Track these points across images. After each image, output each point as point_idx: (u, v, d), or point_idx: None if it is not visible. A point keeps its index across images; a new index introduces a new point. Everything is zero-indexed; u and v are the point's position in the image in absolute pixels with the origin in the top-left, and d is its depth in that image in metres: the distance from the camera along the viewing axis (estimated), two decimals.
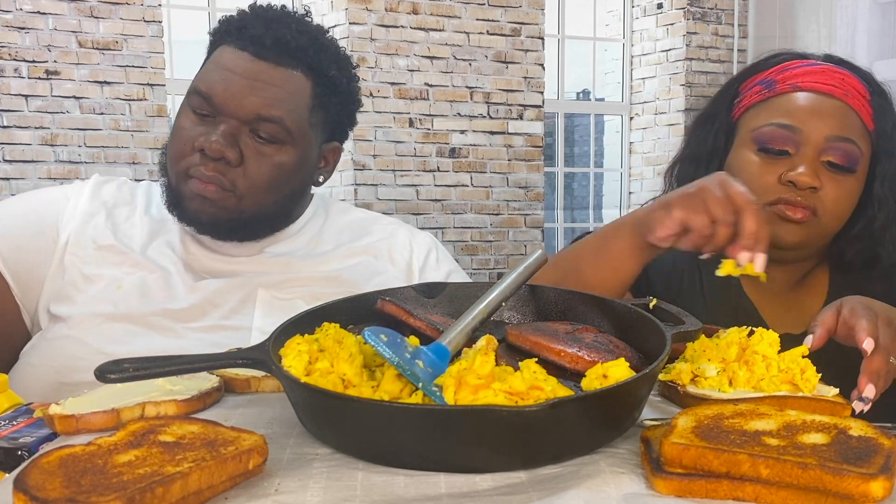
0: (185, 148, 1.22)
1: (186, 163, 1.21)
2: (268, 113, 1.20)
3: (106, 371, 0.70)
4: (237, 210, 1.23)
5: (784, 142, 1.19)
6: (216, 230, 1.26)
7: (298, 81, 1.23)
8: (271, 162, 1.22)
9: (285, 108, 1.21)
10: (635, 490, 0.61)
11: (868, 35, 5.13)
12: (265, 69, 1.21)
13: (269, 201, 1.25)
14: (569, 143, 7.01)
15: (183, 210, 1.24)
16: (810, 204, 1.17)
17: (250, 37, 1.22)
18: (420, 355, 0.72)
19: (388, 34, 5.06)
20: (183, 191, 1.23)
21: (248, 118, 1.20)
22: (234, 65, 1.21)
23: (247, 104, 1.19)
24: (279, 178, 1.24)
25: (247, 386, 0.89)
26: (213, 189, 1.20)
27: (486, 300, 0.83)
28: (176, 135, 1.24)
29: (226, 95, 1.20)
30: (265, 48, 1.21)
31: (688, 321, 0.81)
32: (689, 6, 5.86)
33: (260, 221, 1.27)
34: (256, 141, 1.21)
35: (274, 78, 1.21)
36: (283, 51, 1.22)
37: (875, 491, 0.57)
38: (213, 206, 1.22)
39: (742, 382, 0.81)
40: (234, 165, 1.20)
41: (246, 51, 1.22)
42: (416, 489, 0.62)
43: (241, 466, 0.61)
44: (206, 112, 1.21)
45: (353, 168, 5.00)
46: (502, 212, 5.42)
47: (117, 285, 1.23)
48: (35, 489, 0.56)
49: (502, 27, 5.36)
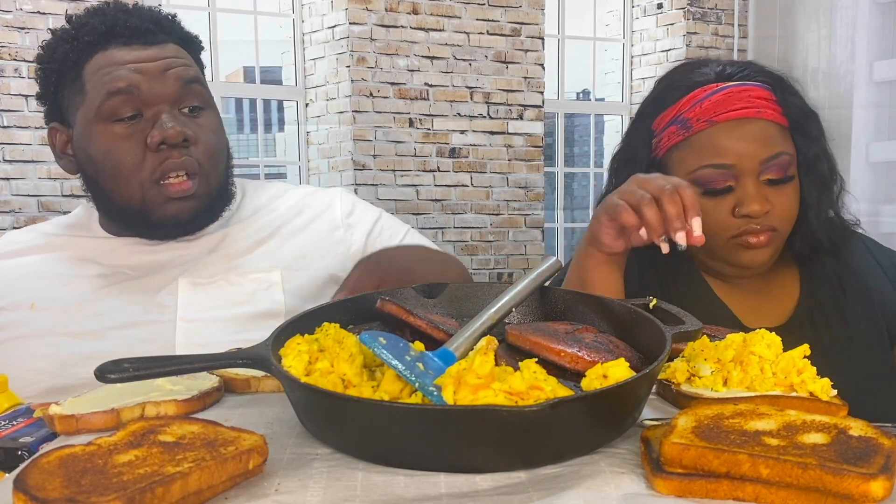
0: (133, 157, 1.20)
1: (147, 169, 1.20)
2: (189, 76, 1.23)
3: (106, 371, 0.70)
4: (209, 192, 1.25)
5: (724, 179, 1.23)
6: (193, 227, 1.27)
7: (183, 52, 1.27)
8: (210, 129, 1.25)
9: (195, 71, 1.26)
10: (635, 490, 0.61)
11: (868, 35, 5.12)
12: (160, 50, 1.23)
13: (222, 169, 1.28)
14: (569, 143, 7.01)
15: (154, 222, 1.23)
16: (768, 225, 1.23)
17: (128, 30, 1.22)
18: (424, 359, 0.72)
19: (388, 34, 5.05)
20: (154, 199, 1.21)
21: (176, 92, 1.22)
22: (134, 56, 1.21)
23: (170, 82, 1.21)
24: (220, 142, 1.28)
25: (247, 386, 0.89)
26: (189, 185, 1.21)
27: (496, 305, 0.82)
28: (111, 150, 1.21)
29: (149, 80, 1.20)
30: (149, 33, 1.23)
31: (688, 321, 0.81)
32: (689, 6, 5.86)
33: (220, 195, 1.29)
34: (188, 117, 1.23)
35: (171, 52, 1.24)
36: (160, 30, 1.25)
37: (875, 491, 0.57)
38: (193, 200, 1.23)
39: (735, 382, 0.81)
40: (193, 143, 1.22)
41: (133, 43, 1.22)
42: (416, 489, 0.62)
43: (241, 466, 0.61)
44: (131, 113, 1.20)
45: (353, 168, 4.99)
46: (502, 212, 5.42)
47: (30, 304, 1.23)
48: (35, 489, 0.56)
49: (502, 27, 5.36)
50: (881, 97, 5.07)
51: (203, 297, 1.24)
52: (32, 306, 1.22)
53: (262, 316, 1.23)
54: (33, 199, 4.34)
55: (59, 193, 4.40)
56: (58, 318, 1.22)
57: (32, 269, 1.27)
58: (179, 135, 1.19)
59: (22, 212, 4.34)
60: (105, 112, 1.20)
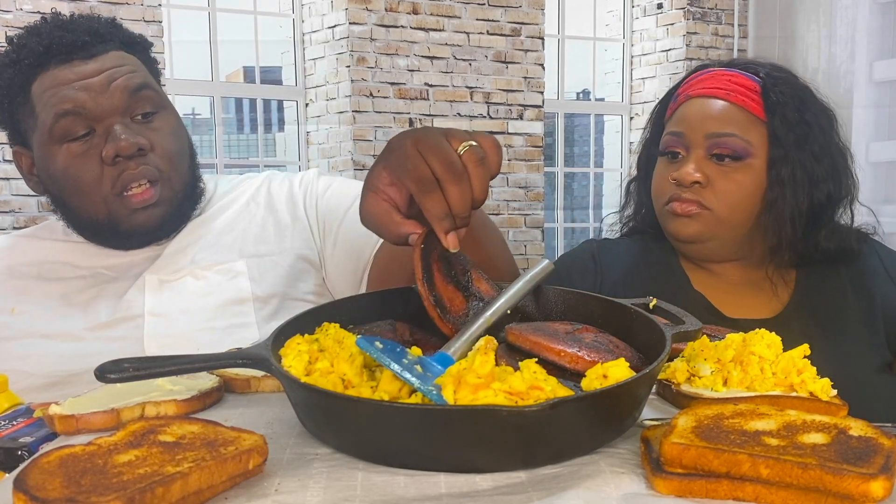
0: (91, 174, 1.20)
1: (106, 183, 1.20)
2: (135, 83, 1.21)
3: (106, 371, 0.70)
4: (173, 194, 1.25)
5: (675, 145, 1.32)
6: (162, 233, 1.27)
7: (127, 56, 1.25)
8: (166, 132, 1.24)
9: (142, 76, 1.24)
10: (635, 490, 0.61)
11: (868, 35, 5.13)
12: (102, 61, 1.21)
13: (185, 170, 1.28)
14: (569, 143, 7.02)
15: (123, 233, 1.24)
16: (697, 198, 1.28)
17: (66, 47, 1.20)
18: (422, 363, 0.72)
19: (388, 34, 5.05)
20: (119, 212, 1.22)
21: (124, 102, 1.21)
22: (76, 73, 1.20)
23: (115, 90, 1.20)
24: (178, 142, 1.27)
25: (247, 386, 0.89)
26: (151, 194, 1.21)
27: (490, 309, 0.83)
28: (70, 173, 1.21)
29: (94, 96, 1.19)
30: (87, 46, 1.21)
31: (688, 321, 0.81)
32: (689, 6, 5.86)
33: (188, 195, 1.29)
34: (142, 123, 1.22)
35: (114, 61, 1.22)
36: (98, 40, 1.22)
37: (875, 491, 0.57)
38: (158, 207, 1.23)
39: (735, 382, 0.81)
40: (149, 150, 1.21)
41: (73, 59, 1.20)
42: (416, 489, 0.62)
43: (241, 466, 0.61)
44: (84, 130, 1.20)
45: (353, 168, 4.99)
46: (502, 212, 5.42)
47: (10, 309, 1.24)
48: (35, 489, 0.56)
49: (502, 27, 5.36)
50: (881, 97, 5.08)
51: (169, 293, 1.24)
52: (13, 311, 1.25)
53: (229, 303, 1.23)
54: (33, 199, 4.34)
55: None
56: (35, 321, 1.23)
57: (15, 273, 1.29)
58: (132, 146, 1.19)
59: (22, 212, 4.34)
60: (57, 133, 1.20)
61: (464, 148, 0.80)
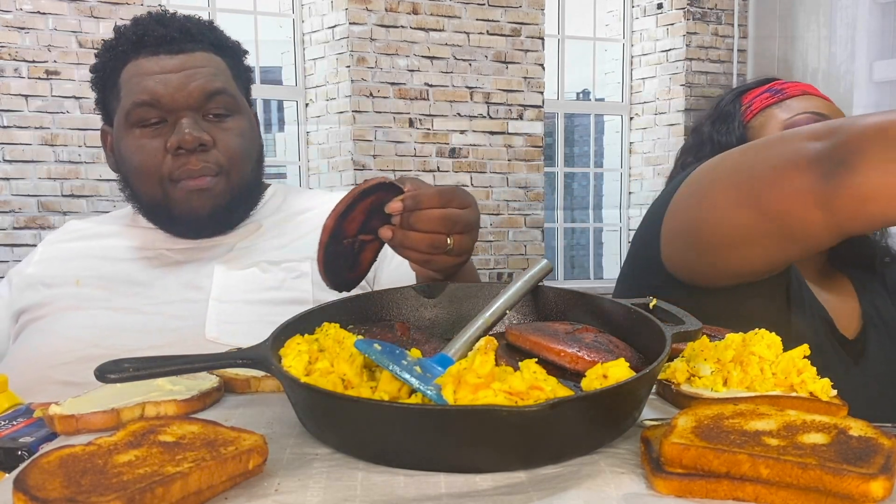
0: (154, 159, 1.28)
1: (168, 169, 1.27)
2: (212, 87, 1.28)
3: (106, 371, 0.70)
4: (229, 190, 1.30)
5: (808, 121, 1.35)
6: (211, 222, 1.33)
7: (214, 59, 1.32)
8: (235, 132, 1.30)
9: (222, 81, 1.30)
10: (635, 490, 0.61)
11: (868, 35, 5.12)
12: (186, 58, 1.29)
13: (248, 170, 1.33)
14: (569, 143, 7.01)
15: (177, 216, 1.31)
16: None
17: (156, 40, 1.29)
18: (421, 364, 0.72)
19: (388, 34, 5.05)
20: (173, 196, 1.29)
21: (198, 102, 1.27)
22: (160, 66, 1.28)
23: (192, 90, 1.27)
24: (245, 144, 1.32)
25: (247, 386, 0.89)
26: (206, 181, 1.27)
27: (489, 310, 0.83)
28: (135, 154, 1.29)
29: (170, 91, 1.26)
30: (175, 42, 1.29)
31: (688, 321, 0.81)
32: (689, 6, 5.86)
33: (245, 194, 1.35)
34: (212, 122, 1.29)
35: (198, 61, 1.29)
36: (188, 38, 1.30)
37: (875, 491, 0.56)
38: (211, 197, 1.29)
39: (735, 383, 0.81)
40: (210, 148, 1.27)
41: (160, 53, 1.28)
42: (416, 489, 0.62)
43: (241, 466, 0.61)
44: (156, 119, 1.28)
45: (353, 168, 4.99)
46: (502, 212, 5.42)
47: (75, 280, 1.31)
48: (35, 489, 0.56)
49: (502, 27, 5.36)
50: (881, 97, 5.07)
51: (236, 282, 1.30)
52: (77, 282, 1.32)
53: (290, 303, 1.27)
54: (33, 199, 4.34)
55: (59, 193, 4.40)
56: (99, 293, 1.31)
57: (82, 252, 1.38)
58: (195, 140, 1.26)
59: (22, 212, 4.34)
60: (133, 119, 1.29)
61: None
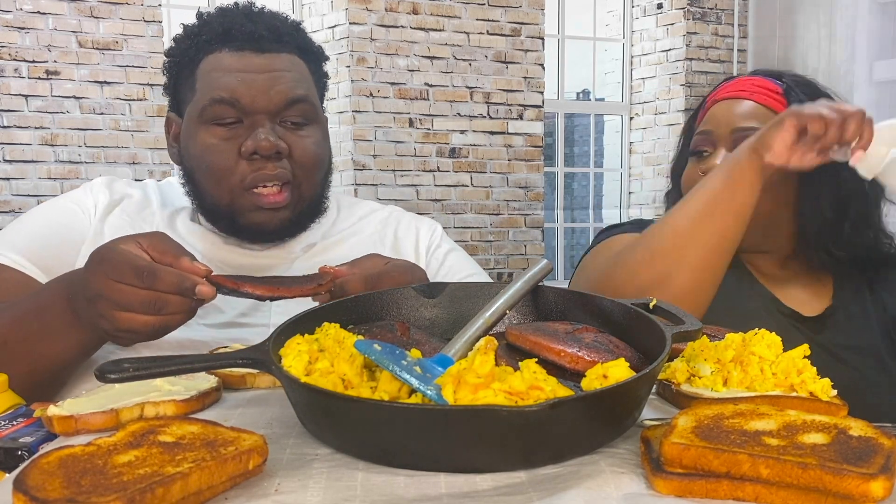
0: (227, 161, 1.21)
1: (237, 175, 1.21)
2: (295, 94, 1.23)
3: (106, 371, 0.70)
4: (299, 203, 1.25)
5: (703, 144, 1.38)
6: (277, 235, 1.27)
7: (298, 63, 1.26)
8: (311, 142, 1.25)
9: (304, 87, 1.25)
10: (635, 490, 0.61)
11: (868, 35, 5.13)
12: (272, 59, 1.23)
13: (318, 182, 1.28)
14: (569, 143, 7.02)
15: (243, 226, 1.25)
16: None
17: (243, 35, 1.23)
18: (421, 364, 0.72)
19: (388, 34, 5.05)
20: (242, 206, 1.23)
21: (279, 108, 1.22)
22: (243, 65, 1.22)
23: (274, 95, 1.21)
24: (320, 155, 1.27)
25: (242, 382, 0.89)
26: (282, 197, 1.22)
27: (489, 310, 0.83)
28: (209, 152, 1.22)
29: (252, 93, 1.20)
30: (263, 40, 1.23)
31: (687, 321, 0.81)
32: (689, 6, 5.86)
33: (313, 206, 1.30)
34: (289, 129, 1.24)
35: (283, 64, 1.24)
36: (276, 38, 1.24)
37: (875, 491, 0.56)
38: (284, 211, 1.24)
39: (735, 383, 0.81)
40: (286, 156, 1.22)
41: (245, 49, 1.23)
42: (416, 489, 0.61)
43: (241, 467, 0.61)
44: (232, 119, 1.21)
45: (353, 168, 4.99)
46: (502, 212, 5.42)
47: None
48: (35, 489, 0.56)
49: (502, 27, 5.36)
50: (881, 97, 5.07)
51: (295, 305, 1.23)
52: None
53: None
54: (33, 199, 4.34)
55: (59, 193, 4.40)
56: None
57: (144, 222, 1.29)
58: (272, 147, 1.20)
59: (22, 212, 4.34)
60: (208, 115, 1.22)
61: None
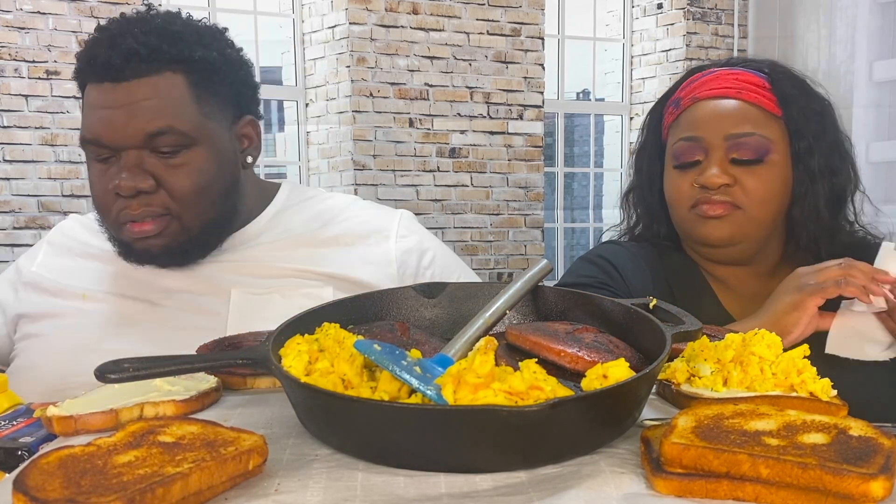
0: (105, 199, 1.21)
1: (114, 210, 1.20)
2: (153, 128, 1.16)
3: (106, 371, 0.70)
4: (183, 231, 1.21)
5: (692, 153, 1.28)
6: (174, 258, 1.24)
7: (168, 82, 1.18)
8: (186, 171, 1.19)
9: (170, 114, 1.17)
10: (635, 490, 0.61)
11: (868, 35, 5.12)
12: (129, 89, 1.16)
13: (206, 207, 1.22)
14: (569, 143, 7.01)
15: (134, 253, 1.24)
16: (727, 199, 1.25)
17: (101, 66, 1.17)
18: (420, 364, 0.72)
19: (388, 34, 5.05)
20: (125, 237, 1.22)
21: (141, 142, 1.17)
22: (102, 100, 1.18)
23: (131, 131, 1.16)
24: (202, 181, 1.20)
25: (242, 383, 0.89)
26: (151, 226, 1.19)
27: (489, 311, 0.83)
28: (92, 189, 1.23)
29: (109, 132, 1.17)
30: (118, 69, 1.17)
31: (687, 321, 0.81)
32: (689, 6, 5.86)
33: (210, 231, 1.25)
34: (161, 159, 1.18)
35: (142, 92, 1.17)
36: (136, 61, 1.17)
37: (875, 491, 0.56)
38: (160, 238, 1.20)
39: (735, 383, 0.81)
40: (153, 192, 1.18)
41: (105, 81, 1.18)
42: (416, 489, 0.61)
43: (241, 467, 0.61)
44: (105, 154, 1.19)
45: (353, 168, 4.99)
46: (502, 212, 5.42)
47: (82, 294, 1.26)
48: (35, 490, 0.56)
49: (502, 27, 5.36)
50: (881, 97, 5.07)
51: (254, 308, 1.22)
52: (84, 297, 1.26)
53: None
54: (33, 199, 4.34)
55: (59, 193, 4.40)
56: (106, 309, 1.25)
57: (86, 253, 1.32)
58: (130, 189, 1.17)
59: (22, 212, 4.34)
60: (87, 152, 1.22)
61: None
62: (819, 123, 1.29)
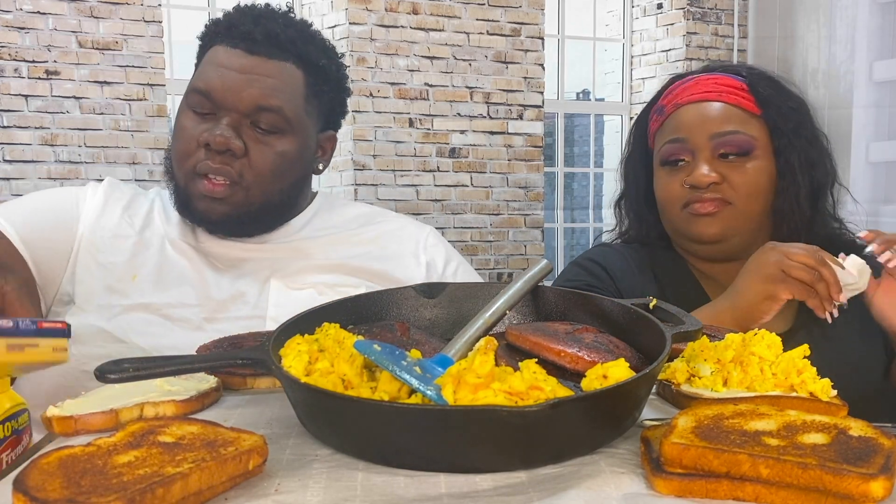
0: (189, 146, 1.26)
1: (193, 160, 1.25)
2: (266, 103, 1.24)
3: (106, 371, 0.70)
4: (245, 203, 1.27)
5: (678, 153, 1.34)
6: (226, 227, 1.30)
7: (291, 72, 1.28)
8: (274, 151, 1.26)
9: (283, 98, 1.26)
10: (635, 490, 0.61)
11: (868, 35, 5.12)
12: (259, 62, 1.25)
13: (274, 190, 1.29)
14: (569, 143, 7.01)
15: (192, 211, 1.28)
16: (717, 196, 1.31)
17: (241, 34, 1.26)
18: (420, 364, 0.72)
19: (388, 34, 5.05)
20: (192, 191, 1.26)
21: (248, 110, 1.24)
22: (229, 61, 1.25)
23: (245, 96, 1.24)
24: (282, 166, 1.28)
25: (242, 383, 0.89)
26: (221, 189, 1.24)
27: (489, 311, 0.83)
28: (179, 135, 1.28)
29: (224, 90, 1.24)
30: (256, 43, 1.26)
31: (687, 321, 0.81)
32: (689, 6, 5.86)
33: (267, 213, 1.31)
34: (258, 132, 1.26)
35: (268, 70, 1.26)
36: (273, 44, 1.27)
37: (875, 491, 0.57)
38: (223, 205, 1.25)
39: (735, 383, 0.81)
40: (239, 156, 1.24)
41: (238, 48, 1.26)
42: (416, 489, 0.62)
43: (241, 467, 0.61)
44: (207, 110, 1.25)
45: (353, 168, 4.99)
46: (502, 212, 5.42)
47: (132, 275, 1.27)
48: (35, 490, 0.56)
49: (502, 27, 5.36)
50: (881, 97, 5.07)
51: (293, 301, 1.25)
52: (134, 278, 1.27)
53: None
54: None
55: None
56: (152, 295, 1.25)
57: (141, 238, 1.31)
58: (224, 143, 1.22)
59: None
60: (188, 101, 1.28)
61: None
62: (795, 120, 1.35)
